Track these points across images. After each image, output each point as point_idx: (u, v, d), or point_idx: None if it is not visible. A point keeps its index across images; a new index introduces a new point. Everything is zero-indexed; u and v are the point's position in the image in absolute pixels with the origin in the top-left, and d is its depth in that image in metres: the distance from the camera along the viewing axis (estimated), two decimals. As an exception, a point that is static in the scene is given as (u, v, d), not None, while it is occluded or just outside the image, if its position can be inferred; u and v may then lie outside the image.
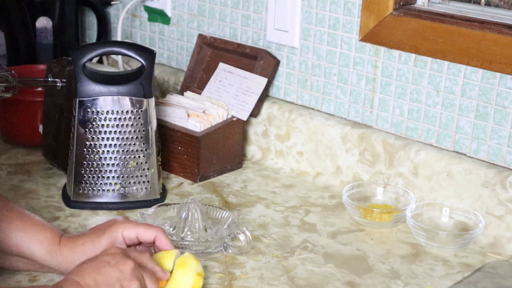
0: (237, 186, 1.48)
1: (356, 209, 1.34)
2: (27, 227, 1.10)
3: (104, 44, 1.41)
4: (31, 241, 1.10)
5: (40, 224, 1.12)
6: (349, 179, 1.47)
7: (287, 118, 1.55)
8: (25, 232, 1.10)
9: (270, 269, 1.18)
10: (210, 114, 1.50)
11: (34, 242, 1.10)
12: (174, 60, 1.80)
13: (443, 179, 1.34)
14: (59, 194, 1.39)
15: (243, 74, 1.57)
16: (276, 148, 1.57)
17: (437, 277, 1.18)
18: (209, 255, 1.19)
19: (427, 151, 1.37)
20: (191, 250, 1.17)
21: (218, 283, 1.13)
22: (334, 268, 1.20)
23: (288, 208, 1.40)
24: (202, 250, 1.19)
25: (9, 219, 1.10)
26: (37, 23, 1.76)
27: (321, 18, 1.49)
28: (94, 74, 1.33)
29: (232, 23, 1.65)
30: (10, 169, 1.49)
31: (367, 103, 1.46)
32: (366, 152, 1.44)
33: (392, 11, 1.39)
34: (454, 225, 1.32)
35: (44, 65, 1.67)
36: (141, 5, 1.83)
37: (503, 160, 1.30)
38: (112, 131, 1.33)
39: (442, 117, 1.37)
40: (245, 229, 1.21)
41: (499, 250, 1.27)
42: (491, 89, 1.30)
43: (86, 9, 1.95)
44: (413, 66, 1.38)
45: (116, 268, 0.99)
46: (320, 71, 1.52)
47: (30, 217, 1.12)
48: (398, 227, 1.34)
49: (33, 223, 1.11)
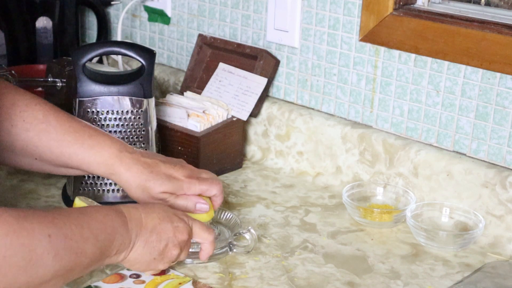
0: (237, 186, 1.48)
1: (356, 209, 1.34)
2: (84, 151, 1.17)
3: (104, 44, 1.41)
4: (90, 164, 1.18)
5: (98, 146, 1.18)
6: (349, 179, 1.47)
7: (287, 118, 1.55)
8: (84, 156, 1.17)
9: (270, 269, 1.18)
10: (210, 114, 1.50)
11: (93, 166, 1.18)
12: (174, 60, 1.80)
13: (443, 179, 1.34)
14: (59, 194, 1.39)
15: (243, 74, 1.57)
16: (276, 148, 1.57)
17: (437, 277, 1.18)
18: (214, 256, 1.19)
19: (427, 151, 1.37)
20: (195, 252, 1.17)
21: (218, 283, 1.13)
22: (334, 268, 1.20)
23: (288, 208, 1.40)
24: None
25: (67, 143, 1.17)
26: (37, 23, 1.76)
27: (321, 18, 1.49)
28: (94, 74, 1.33)
29: (232, 23, 1.65)
30: (10, 169, 1.49)
31: (367, 103, 1.46)
32: (366, 152, 1.44)
33: (392, 11, 1.39)
34: (454, 225, 1.32)
35: (44, 65, 1.67)
36: (141, 5, 1.83)
37: (503, 160, 1.30)
38: (112, 131, 1.33)
39: (442, 117, 1.37)
40: (251, 228, 1.21)
41: (499, 250, 1.27)
42: (491, 89, 1.30)
43: (86, 9, 1.95)
44: (413, 66, 1.38)
45: (173, 231, 1.07)
46: (320, 71, 1.52)
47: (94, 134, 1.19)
48: (398, 227, 1.34)
49: (90, 145, 1.17)
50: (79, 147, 1.17)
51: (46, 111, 1.18)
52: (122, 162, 1.17)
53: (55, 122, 1.18)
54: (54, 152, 1.17)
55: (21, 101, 1.17)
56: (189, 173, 1.19)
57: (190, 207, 1.18)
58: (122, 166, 1.17)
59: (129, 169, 1.17)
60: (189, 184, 1.18)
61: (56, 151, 1.17)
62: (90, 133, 1.19)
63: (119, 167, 1.17)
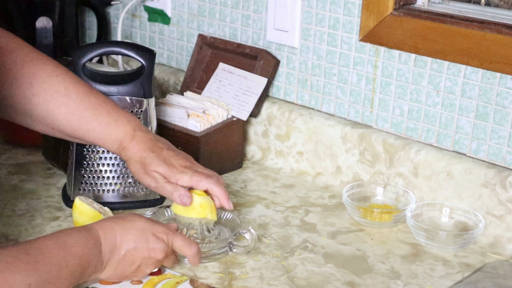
0: (237, 186, 1.48)
1: (356, 209, 1.34)
2: (101, 128, 1.22)
3: (104, 44, 1.41)
4: (105, 141, 1.23)
5: (115, 124, 1.22)
6: (349, 179, 1.47)
7: (287, 118, 1.55)
8: (101, 132, 1.22)
9: (270, 269, 1.18)
10: (210, 114, 1.50)
11: (107, 142, 1.23)
12: (174, 60, 1.80)
13: (443, 179, 1.34)
14: (59, 194, 1.39)
15: (243, 74, 1.57)
16: (276, 148, 1.57)
17: (437, 277, 1.18)
18: (214, 256, 1.19)
19: (427, 151, 1.37)
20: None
21: (218, 283, 1.13)
22: (334, 268, 1.20)
23: (288, 208, 1.40)
24: (206, 251, 1.19)
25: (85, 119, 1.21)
26: (37, 23, 1.76)
27: (321, 18, 1.49)
28: (94, 74, 1.33)
29: (232, 23, 1.65)
30: (10, 169, 1.49)
31: (367, 103, 1.46)
32: (366, 152, 1.44)
33: (392, 11, 1.39)
34: (454, 225, 1.33)
35: (44, 65, 1.67)
36: (141, 5, 1.83)
37: (503, 160, 1.30)
38: (112, 131, 1.33)
39: (442, 117, 1.37)
40: (251, 228, 1.21)
41: (499, 250, 1.27)
42: (491, 89, 1.30)
43: (86, 9, 1.95)
44: (413, 66, 1.38)
45: (148, 252, 1.09)
46: (320, 71, 1.52)
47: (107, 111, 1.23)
48: (398, 227, 1.34)
49: (108, 122, 1.22)
50: (97, 124, 1.22)
51: (67, 83, 1.21)
52: (133, 140, 1.22)
53: (75, 96, 1.21)
54: (73, 126, 1.21)
55: (44, 70, 1.20)
56: (187, 165, 1.21)
57: (174, 196, 1.19)
58: (132, 143, 1.22)
59: (136, 146, 1.22)
60: (182, 173, 1.19)
61: (74, 125, 1.21)
62: (108, 110, 1.23)
63: (129, 143, 1.22)
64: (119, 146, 1.23)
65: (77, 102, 1.21)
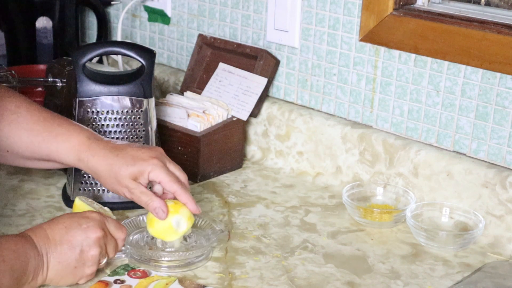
0: (237, 186, 1.48)
1: (356, 209, 1.34)
2: (53, 138, 1.18)
3: (104, 44, 1.41)
4: (59, 153, 1.18)
5: (67, 133, 1.18)
6: (349, 179, 1.47)
7: (287, 118, 1.55)
8: (52, 143, 1.18)
9: (270, 269, 1.18)
10: (210, 114, 1.50)
11: (62, 154, 1.18)
12: (174, 60, 1.80)
13: (443, 179, 1.34)
14: (59, 194, 1.39)
15: (243, 74, 1.57)
16: (276, 148, 1.57)
17: (437, 277, 1.18)
18: (191, 265, 1.17)
19: (427, 151, 1.37)
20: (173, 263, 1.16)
21: (218, 283, 1.13)
22: (334, 268, 1.20)
23: (288, 208, 1.40)
24: (185, 259, 1.17)
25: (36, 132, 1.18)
26: (37, 23, 1.76)
27: (321, 18, 1.49)
28: (94, 74, 1.33)
29: (232, 23, 1.65)
30: (10, 169, 1.49)
31: (367, 103, 1.46)
32: (366, 152, 1.44)
33: (392, 11, 1.39)
34: (454, 225, 1.33)
35: (44, 65, 1.67)
36: (141, 5, 1.83)
37: (503, 160, 1.30)
38: (112, 131, 1.33)
39: (442, 117, 1.37)
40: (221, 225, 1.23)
41: (499, 250, 1.27)
42: (491, 89, 1.30)
43: (86, 9, 1.95)
44: (413, 66, 1.38)
45: (84, 232, 1.07)
46: (320, 71, 1.52)
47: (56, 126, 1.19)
48: (398, 227, 1.34)
49: (59, 132, 1.18)
50: (48, 134, 1.18)
51: (18, 102, 1.19)
52: (89, 148, 1.17)
53: (26, 113, 1.19)
54: (24, 141, 1.18)
55: None
56: (156, 155, 1.17)
57: (149, 208, 1.15)
58: (89, 151, 1.17)
59: (95, 154, 1.17)
60: (154, 166, 1.15)
61: (26, 140, 1.18)
62: (59, 122, 1.20)
63: (85, 152, 1.17)
64: (74, 156, 1.18)
65: (28, 118, 1.18)
